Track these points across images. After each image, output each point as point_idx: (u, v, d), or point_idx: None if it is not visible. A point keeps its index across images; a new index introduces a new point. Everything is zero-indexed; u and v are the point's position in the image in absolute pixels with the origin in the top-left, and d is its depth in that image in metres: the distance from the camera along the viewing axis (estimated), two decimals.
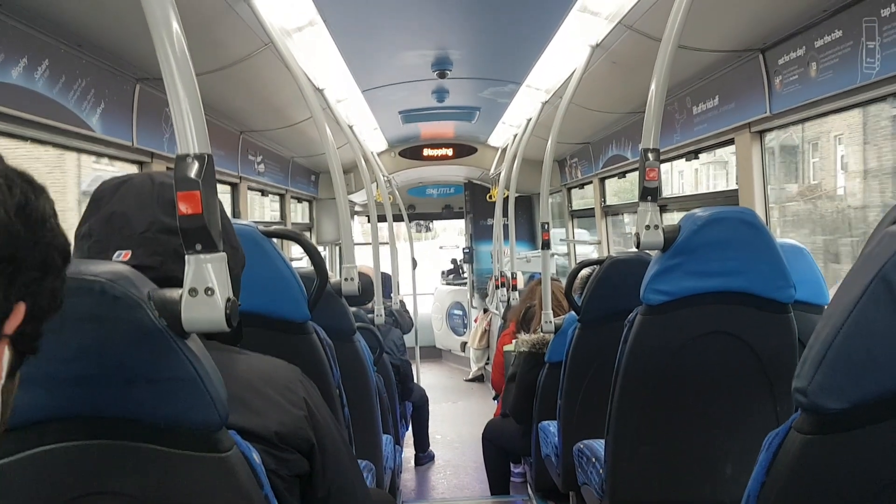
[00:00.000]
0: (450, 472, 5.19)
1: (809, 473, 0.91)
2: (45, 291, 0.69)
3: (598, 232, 5.75)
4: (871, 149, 2.96)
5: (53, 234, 0.70)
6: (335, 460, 1.22)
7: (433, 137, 7.15)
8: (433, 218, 9.86)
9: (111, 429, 0.93)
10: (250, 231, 1.80)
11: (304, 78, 2.66)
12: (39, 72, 2.22)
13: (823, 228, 3.50)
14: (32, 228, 0.67)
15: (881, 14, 2.11)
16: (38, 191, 0.69)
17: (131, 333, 0.90)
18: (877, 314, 0.85)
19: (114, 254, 1.10)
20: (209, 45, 2.82)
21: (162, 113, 3.07)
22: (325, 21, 3.02)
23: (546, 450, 3.15)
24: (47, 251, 0.69)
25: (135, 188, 1.15)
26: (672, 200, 4.32)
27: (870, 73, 2.19)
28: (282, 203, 5.79)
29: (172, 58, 1.01)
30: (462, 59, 4.10)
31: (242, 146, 4.41)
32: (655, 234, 1.85)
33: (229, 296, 0.98)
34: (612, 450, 2.08)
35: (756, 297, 1.91)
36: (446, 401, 7.33)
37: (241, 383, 1.10)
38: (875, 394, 0.86)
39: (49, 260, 0.69)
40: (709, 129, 3.39)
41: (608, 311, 2.60)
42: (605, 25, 3.03)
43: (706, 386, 1.96)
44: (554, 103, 4.19)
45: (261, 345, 1.30)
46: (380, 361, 3.57)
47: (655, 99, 1.89)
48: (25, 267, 0.66)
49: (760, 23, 2.65)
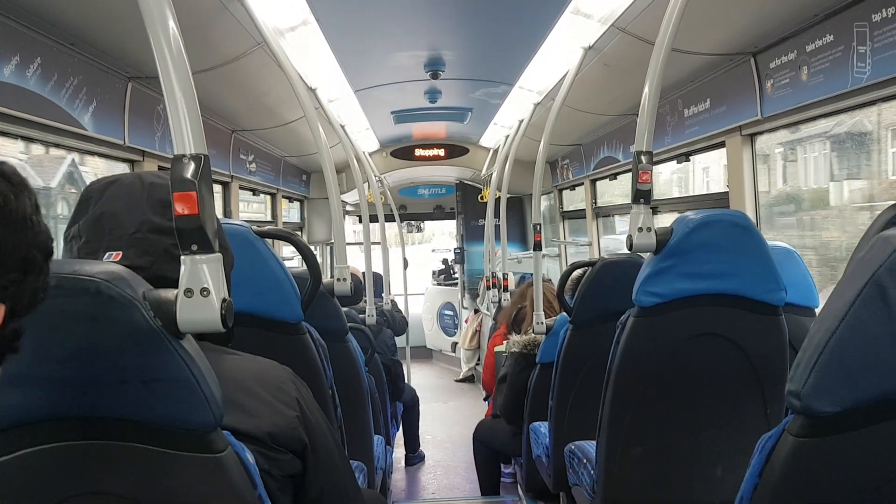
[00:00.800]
0: (440, 472, 5.19)
1: (802, 476, 0.92)
2: (26, 292, 0.69)
3: (589, 233, 5.77)
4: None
5: (34, 231, 0.69)
6: (328, 460, 1.22)
7: (425, 138, 7.15)
8: (424, 218, 9.87)
9: (105, 429, 0.93)
10: (243, 231, 1.79)
11: (297, 77, 2.65)
12: (31, 69, 2.21)
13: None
14: (12, 230, 0.66)
15: (872, 19, 2.12)
16: (18, 188, 0.68)
17: (126, 334, 0.89)
18: (869, 319, 0.86)
19: (104, 255, 1.09)
20: (202, 44, 2.81)
21: (154, 112, 3.06)
22: (318, 21, 3.02)
23: (537, 450, 3.16)
24: (28, 250, 0.68)
25: (124, 188, 1.15)
26: (664, 203, 4.34)
27: (860, 78, 2.21)
28: (273, 202, 5.77)
29: (169, 57, 1.01)
30: (455, 60, 4.10)
31: (234, 145, 4.40)
32: (648, 236, 1.86)
33: (225, 296, 0.98)
34: (603, 451, 2.08)
35: (747, 299, 1.92)
36: (437, 401, 7.33)
37: (234, 384, 1.10)
38: (868, 397, 0.87)
39: (30, 259, 0.68)
40: (700, 132, 3.40)
41: (600, 313, 2.60)
42: (597, 28, 3.04)
43: (697, 387, 1.97)
44: (546, 105, 4.20)
45: (254, 345, 1.30)
46: (371, 362, 3.57)
47: (649, 102, 1.89)
48: (5, 269, 0.66)
49: (753, 27, 2.66)
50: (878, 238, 0.88)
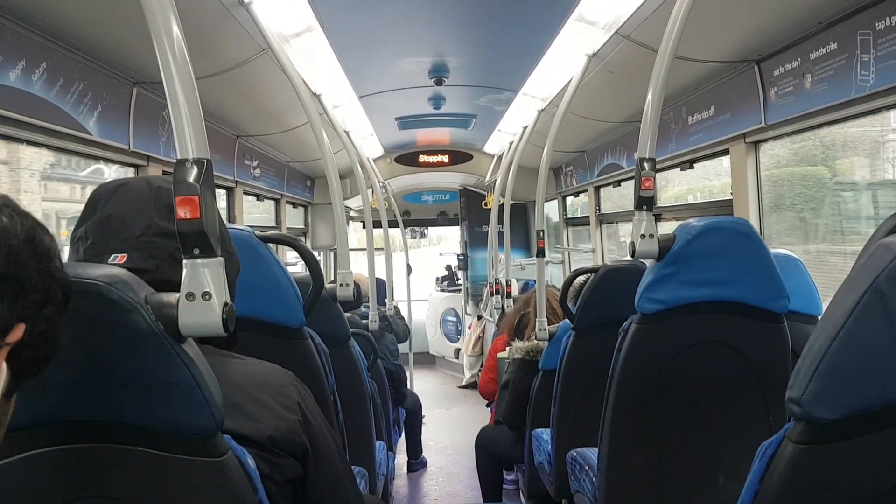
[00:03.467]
0: (442, 478, 5.18)
1: (802, 483, 0.91)
2: (44, 318, 0.75)
3: (593, 240, 5.76)
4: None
5: (57, 270, 0.77)
6: (329, 465, 1.22)
7: (429, 144, 7.16)
8: (428, 224, 9.86)
9: (106, 432, 0.93)
10: (246, 236, 1.80)
11: (302, 83, 2.66)
12: (37, 74, 2.22)
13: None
14: (38, 258, 0.74)
15: (876, 27, 2.12)
16: (45, 231, 0.76)
17: (127, 337, 0.90)
18: (870, 326, 0.86)
19: (109, 257, 1.10)
20: (207, 50, 2.82)
21: (158, 117, 3.07)
22: (323, 27, 3.03)
23: (539, 457, 3.15)
24: (50, 282, 0.75)
25: (132, 192, 1.16)
26: (667, 210, 4.34)
27: (864, 86, 2.21)
28: (277, 208, 5.78)
29: (172, 62, 1.01)
30: (459, 66, 4.11)
31: (238, 150, 4.41)
32: (650, 243, 1.86)
33: (226, 300, 0.98)
34: (605, 458, 2.08)
35: (750, 306, 1.91)
36: (439, 407, 7.32)
37: (236, 388, 1.10)
38: (868, 404, 0.87)
39: (51, 291, 0.76)
40: (704, 140, 3.40)
41: (602, 320, 2.60)
42: (601, 35, 3.05)
43: (699, 395, 1.96)
44: (550, 112, 4.20)
45: (256, 350, 1.30)
46: (374, 367, 3.57)
47: (652, 109, 1.89)
48: (28, 290, 0.72)
49: (756, 34, 2.66)
50: (878, 245, 0.88)
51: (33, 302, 0.73)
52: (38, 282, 0.73)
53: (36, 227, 0.75)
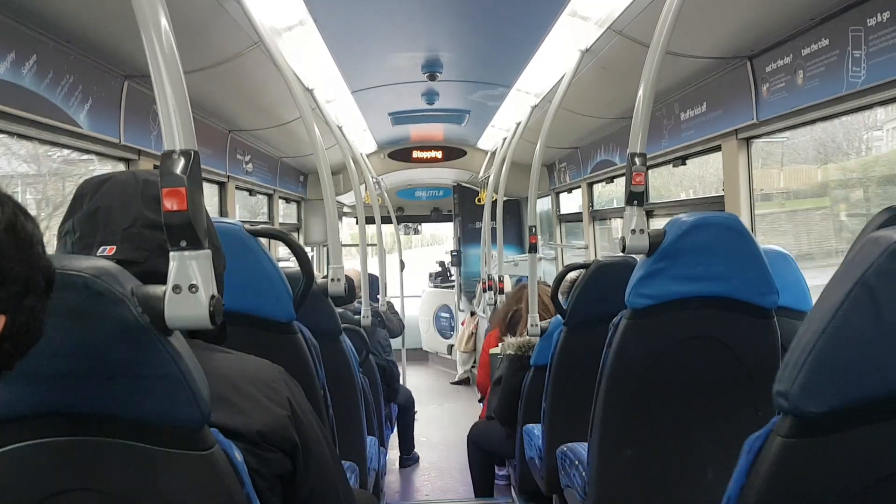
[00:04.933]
0: (434, 474, 5.18)
1: (789, 476, 0.92)
2: (25, 308, 0.73)
3: (586, 236, 5.77)
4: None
5: (39, 258, 0.75)
6: (318, 461, 1.21)
7: (423, 140, 7.15)
8: (421, 220, 9.86)
9: (92, 425, 0.92)
10: (236, 230, 1.79)
11: (294, 78, 2.65)
12: (27, 67, 2.20)
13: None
14: (20, 246, 0.71)
15: (867, 23, 2.13)
16: (28, 216, 0.74)
17: (114, 329, 0.89)
18: (858, 319, 0.86)
19: (98, 249, 1.09)
20: (198, 43, 2.81)
21: (150, 110, 3.06)
22: (315, 21, 3.02)
23: (530, 452, 3.15)
24: (32, 271, 0.73)
25: (118, 185, 1.15)
26: (659, 206, 4.34)
27: (855, 82, 2.21)
28: (270, 203, 5.77)
29: (160, 52, 1.01)
30: (452, 62, 4.10)
31: (231, 145, 4.40)
32: (641, 238, 1.86)
33: (213, 293, 0.98)
34: (595, 453, 2.08)
35: (740, 302, 1.92)
36: (432, 403, 7.33)
37: (224, 382, 1.10)
38: (855, 398, 0.87)
39: (33, 279, 0.73)
40: (696, 136, 3.41)
41: (594, 315, 2.60)
42: (594, 30, 3.04)
43: (689, 390, 1.97)
44: (543, 107, 4.20)
45: (245, 344, 1.29)
46: (366, 363, 3.56)
47: (643, 104, 1.90)
48: (9, 280, 0.70)
49: (748, 30, 2.66)
50: (867, 239, 0.88)
51: (14, 293, 0.71)
52: (20, 271, 0.71)
53: (17, 212, 0.72)
